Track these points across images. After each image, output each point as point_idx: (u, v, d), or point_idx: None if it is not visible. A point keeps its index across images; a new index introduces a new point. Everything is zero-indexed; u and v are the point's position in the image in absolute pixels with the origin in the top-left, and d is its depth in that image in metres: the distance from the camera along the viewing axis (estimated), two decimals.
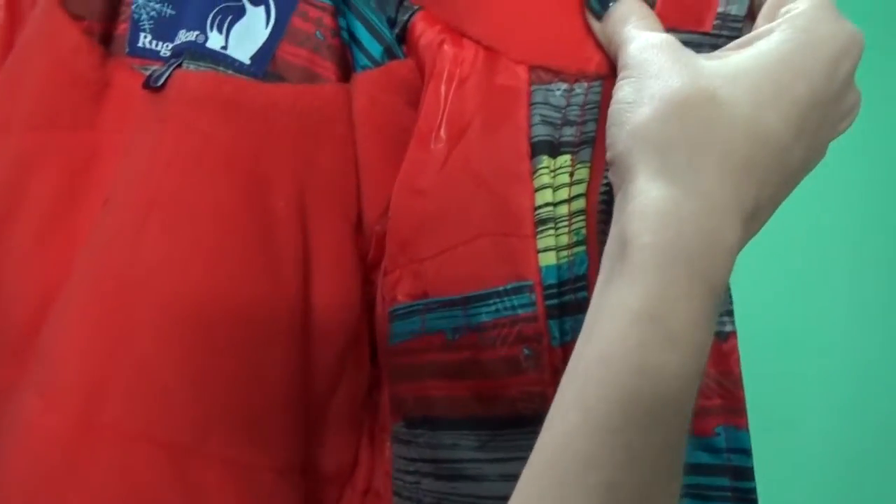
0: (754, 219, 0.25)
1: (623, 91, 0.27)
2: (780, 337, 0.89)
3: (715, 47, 0.30)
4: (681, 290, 0.23)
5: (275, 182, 0.34)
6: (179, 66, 0.35)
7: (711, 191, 0.24)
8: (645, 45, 0.28)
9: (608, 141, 0.28)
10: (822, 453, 0.91)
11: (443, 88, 0.35)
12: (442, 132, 0.35)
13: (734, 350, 0.28)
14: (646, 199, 0.24)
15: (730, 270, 0.24)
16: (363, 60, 0.36)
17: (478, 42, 0.35)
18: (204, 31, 0.36)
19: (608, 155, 0.28)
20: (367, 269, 0.37)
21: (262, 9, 0.36)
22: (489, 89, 0.34)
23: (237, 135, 0.34)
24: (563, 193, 0.32)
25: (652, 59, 0.27)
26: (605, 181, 0.30)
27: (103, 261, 0.33)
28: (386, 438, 0.36)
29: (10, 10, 0.38)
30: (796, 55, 0.26)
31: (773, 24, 0.27)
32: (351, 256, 0.36)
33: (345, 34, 0.37)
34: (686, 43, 0.30)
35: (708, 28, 0.31)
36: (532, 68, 0.34)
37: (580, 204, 0.31)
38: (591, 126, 0.32)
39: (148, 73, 0.36)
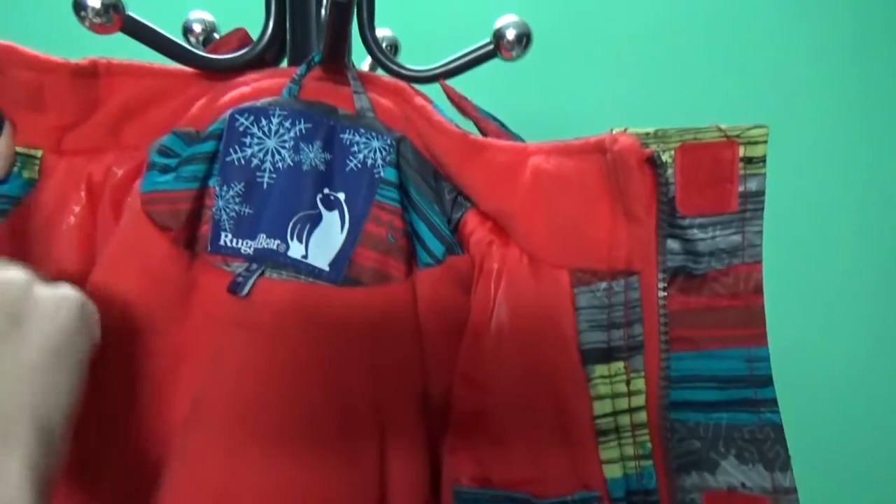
0: None
1: None
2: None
3: (742, 222, 0.34)
4: None
5: (353, 378, 0.37)
6: (262, 273, 0.38)
7: None
8: None
9: None
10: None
11: (492, 287, 0.38)
12: (492, 328, 0.38)
13: None
14: None
15: None
16: (426, 258, 0.39)
17: (522, 248, 0.38)
18: (285, 240, 0.38)
19: None
20: (431, 438, 0.40)
21: (336, 213, 0.39)
22: (535, 293, 0.37)
23: (320, 340, 0.37)
24: (623, 403, 0.35)
25: None
26: (662, 392, 0.34)
27: (198, 474, 0.36)
28: None
29: (91, 195, 0.40)
30: None
31: None
32: (420, 434, 0.39)
33: (408, 228, 0.39)
34: (716, 224, 0.34)
35: (735, 208, 0.35)
36: (572, 272, 0.37)
37: (641, 417, 0.35)
38: (637, 329, 0.35)
39: (230, 269, 0.38)
